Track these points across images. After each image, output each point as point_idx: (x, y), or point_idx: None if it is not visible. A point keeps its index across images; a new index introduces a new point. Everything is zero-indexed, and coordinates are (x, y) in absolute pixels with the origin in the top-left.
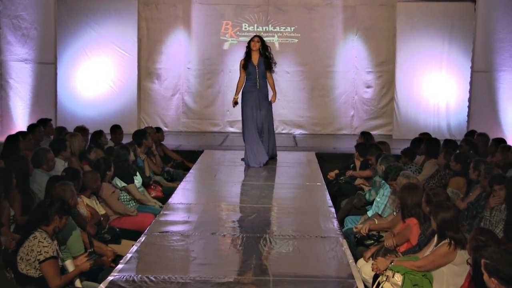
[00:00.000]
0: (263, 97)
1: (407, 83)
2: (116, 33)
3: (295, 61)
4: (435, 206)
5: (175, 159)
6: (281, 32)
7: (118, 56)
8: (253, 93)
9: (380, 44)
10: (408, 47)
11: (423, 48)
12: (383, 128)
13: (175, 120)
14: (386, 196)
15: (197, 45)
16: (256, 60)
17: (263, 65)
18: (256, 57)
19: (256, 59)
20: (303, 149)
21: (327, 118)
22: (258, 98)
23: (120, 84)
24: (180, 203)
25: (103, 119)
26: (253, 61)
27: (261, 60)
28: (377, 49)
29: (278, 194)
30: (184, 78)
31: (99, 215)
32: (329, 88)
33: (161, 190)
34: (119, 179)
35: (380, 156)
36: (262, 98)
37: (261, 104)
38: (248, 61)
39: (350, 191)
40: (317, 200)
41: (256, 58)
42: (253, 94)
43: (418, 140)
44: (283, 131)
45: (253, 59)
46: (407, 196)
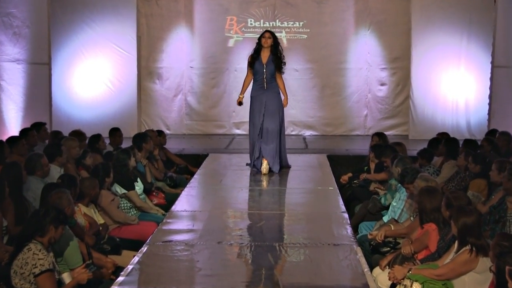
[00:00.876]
0: (272, 98)
1: (424, 80)
2: (114, 30)
3: (304, 58)
4: (456, 211)
5: (178, 164)
6: (289, 28)
7: (116, 55)
8: (261, 95)
9: (394, 39)
10: (424, 42)
11: (440, 43)
12: (399, 128)
13: (177, 122)
14: (402, 200)
15: (200, 42)
16: (266, 58)
17: (272, 65)
18: (266, 55)
19: (265, 57)
20: (313, 152)
21: (339, 118)
22: (265, 100)
23: (119, 85)
24: (184, 210)
25: (101, 122)
26: (262, 59)
27: (270, 59)
28: (391, 44)
29: (288, 200)
30: (187, 77)
31: (98, 224)
32: (341, 87)
33: (164, 197)
34: (119, 186)
35: (395, 158)
36: (270, 100)
37: (267, 107)
38: (256, 59)
39: (364, 196)
40: (329, 205)
41: (266, 56)
42: (260, 98)
43: (436, 140)
44: (292, 133)
45: (262, 57)
46: (426, 200)
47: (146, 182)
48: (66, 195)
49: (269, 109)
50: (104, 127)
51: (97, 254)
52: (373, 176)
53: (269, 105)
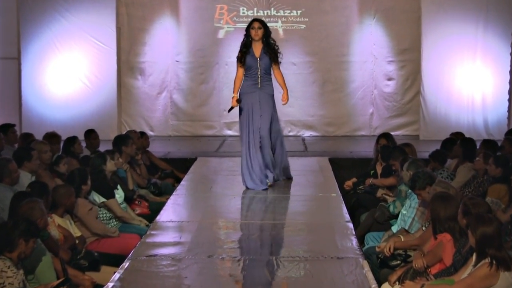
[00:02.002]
0: (266, 99)
1: (435, 74)
2: (90, 21)
3: (302, 50)
4: (474, 219)
5: (164, 169)
6: (286, 17)
7: (93, 49)
8: (253, 93)
9: (402, 29)
10: (436, 32)
11: (453, 32)
12: (408, 127)
13: (162, 123)
14: (413, 208)
15: (187, 33)
16: (259, 51)
17: (266, 58)
18: (258, 47)
19: (258, 50)
20: (314, 154)
21: (342, 117)
22: (259, 100)
23: (96, 81)
24: (170, 220)
25: (77, 123)
26: (254, 52)
27: (264, 51)
28: (399, 34)
29: (285, 208)
30: (172, 72)
31: (74, 237)
32: (344, 82)
33: (147, 206)
34: (97, 194)
35: (405, 161)
36: (264, 100)
37: (262, 107)
38: (246, 53)
39: (371, 203)
40: (332, 214)
41: (258, 49)
42: (252, 95)
43: (450, 141)
44: (290, 133)
45: (254, 50)
46: (440, 207)
47: (128, 189)
48: (39, 205)
49: (265, 111)
50: (81, 129)
51: (73, 270)
52: (381, 181)
53: (264, 107)
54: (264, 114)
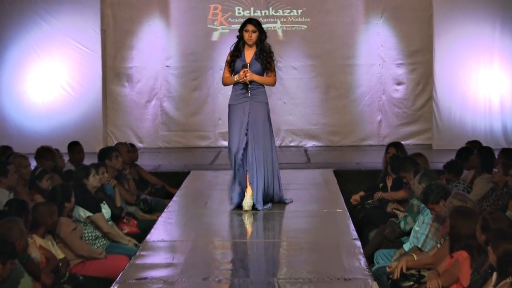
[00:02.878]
0: (257, 108)
1: (449, 77)
2: (73, 23)
3: (304, 53)
4: (495, 235)
5: (154, 184)
6: (285, 17)
7: (76, 53)
8: (243, 104)
9: (412, 28)
10: (449, 31)
11: (468, 32)
12: (420, 136)
13: (152, 134)
14: (427, 224)
15: (178, 36)
16: (250, 56)
17: (258, 64)
18: (250, 52)
19: (249, 55)
20: (317, 166)
21: (347, 126)
22: (249, 110)
23: (80, 89)
24: (161, 240)
25: (59, 135)
26: (244, 56)
27: (256, 57)
28: (409, 34)
29: (287, 225)
30: (162, 79)
31: (57, 259)
32: (349, 87)
33: (137, 225)
34: (82, 209)
35: (418, 172)
36: (254, 111)
37: (251, 119)
38: (237, 56)
39: (380, 219)
40: (337, 231)
41: (250, 54)
42: (241, 107)
43: (466, 150)
44: (291, 144)
45: (245, 54)
46: (462, 223)
47: (115, 206)
48: (18, 224)
49: (253, 124)
50: (63, 141)
51: None
52: (391, 195)
53: (254, 119)
54: (255, 128)
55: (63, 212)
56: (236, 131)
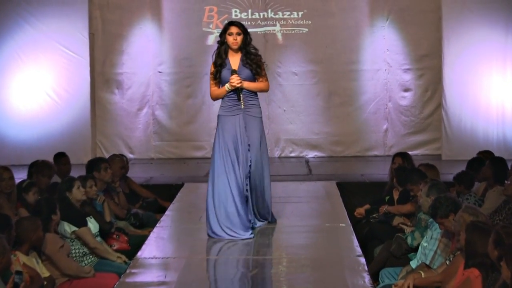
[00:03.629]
0: (252, 123)
1: (459, 84)
2: (59, 27)
3: (305, 58)
4: (509, 250)
5: (145, 197)
6: (285, 19)
7: (63, 59)
8: (235, 117)
9: (420, 32)
10: (459, 35)
11: (479, 35)
12: (429, 146)
13: (143, 144)
14: (435, 239)
15: (171, 40)
16: (237, 63)
17: (247, 70)
18: (236, 58)
19: (236, 61)
20: (319, 178)
21: (351, 135)
22: (244, 124)
23: (67, 97)
24: (153, 257)
25: (45, 145)
26: (231, 63)
27: (244, 63)
28: (416, 38)
29: (286, 241)
30: (154, 85)
31: (42, 278)
32: (353, 94)
33: (127, 240)
34: (67, 223)
35: (426, 185)
36: (250, 125)
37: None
38: (221, 66)
39: (386, 234)
40: (341, 247)
41: (236, 60)
42: (235, 120)
43: (477, 161)
44: (292, 154)
45: (231, 61)
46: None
47: (104, 221)
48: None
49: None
50: (49, 151)
51: None
52: (397, 209)
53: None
54: (253, 144)
55: (50, 226)
56: (222, 149)
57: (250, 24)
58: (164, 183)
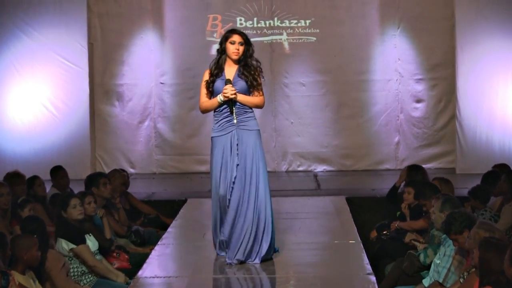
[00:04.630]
0: (246, 138)
1: (474, 94)
2: (57, 37)
3: (313, 68)
4: None
5: (147, 214)
6: (292, 28)
7: (61, 70)
8: (229, 135)
9: (433, 40)
10: (473, 43)
11: (494, 44)
12: (442, 159)
13: (145, 158)
14: (449, 256)
15: (173, 49)
16: (232, 73)
17: (242, 82)
18: (232, 69)
19: (231, 72)
20: (328, 193)
21: (362, 148)
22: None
23: (65, 109)
24: (155, 276)
25: (42, 159)
26: (225, 74)
27: (239, 74)
28: (429, 47)
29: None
30: (156, 97)
31: None
32: (363, 105)
33: (128, 259)
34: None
35: (439, 199)
36: (243, 140)
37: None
38: (217, 75)
39: (398, 251)
40: (350, 265)
41: (232, 71)
42: (228, 138)
43: (493, 174)
44: (299, 168)
45: (226, 72)
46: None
47: (104, 238)
48: None
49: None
50: (46, 166)
51: None
52: (409, 225)
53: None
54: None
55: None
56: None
57: (256, 33)
58: (167, 199)
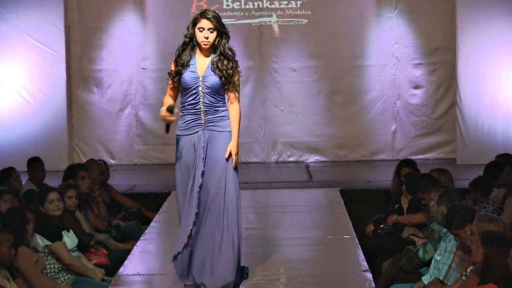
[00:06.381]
0: (218, 142)
1: (476, 80)
2: (32, 19)
3: (304, 52)
4: None
5: (128, 207)
6: (282, 9)
7: (36, 54)
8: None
9: (432, 22)
10: (475, 25)
11: (497, 27)
12: (442, 149)
13: (126, 148)
14: (450, 252)
15: (156, 33)
16: (204, 66)
17: (214, 77)
18: (205, 60)
19: (203, 64)
20: (321, 185)
21: (356, 137)
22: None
23: (40, 97)
24: (136, 273)
25: (17, 150)
26: (196, 65)
27: (213, 67)
28: (428, 29)
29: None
30: (137, 83)
31: None
32: (358, 92)
33: (107, 255)
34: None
35: (438, 192)
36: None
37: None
38: (184, 65)
39: (395, 247)
40: (345, 261)
41: (204, 63)
42: (193, 139)
43: (496, 165)
44: (290, 159)
45: (197, 63)
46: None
47: (83, 233)
48: None
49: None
50: (22, 157)
51: None
52: (407, 219)
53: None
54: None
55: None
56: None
57: (244, 15)
58: (149, 192)
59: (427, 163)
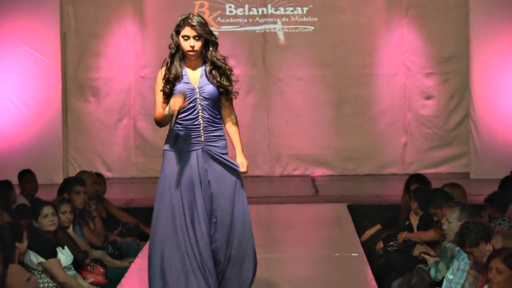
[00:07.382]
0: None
1: (490, 90)
2: (27, 25)
3: (310, 60)
4: None
5: (125, 223)
6: (288, 16)
7: (30, 62)
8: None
9: (444, 30)
10: (489, 33)
11: None
12: (455, 162)
13: (123, 161)
14: (463, 271)
15: (155, 39)
16: (197, 76)
17: (211, 87)
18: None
19: (196, 75)
20: (328, 200)
21: (365, 150)
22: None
23: (34, 106)
24: None
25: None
26: (189, 77)
27: (208, 76)
28: (440, 37)
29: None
30: (136, 92)
31: None
32: (366, 102)
33: (103, 273)
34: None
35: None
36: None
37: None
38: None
39: (406, 265)
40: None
41: (196, 73)
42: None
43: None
44: (295, 172)
45: (188, 74)
46: None
47: (79, 250)
48: None
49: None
50: (14, 169)
51: None
52: (418, 236)
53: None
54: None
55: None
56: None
57: (248, 22)
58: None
59: (439, 177)
